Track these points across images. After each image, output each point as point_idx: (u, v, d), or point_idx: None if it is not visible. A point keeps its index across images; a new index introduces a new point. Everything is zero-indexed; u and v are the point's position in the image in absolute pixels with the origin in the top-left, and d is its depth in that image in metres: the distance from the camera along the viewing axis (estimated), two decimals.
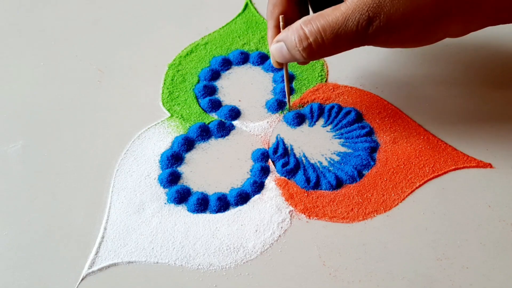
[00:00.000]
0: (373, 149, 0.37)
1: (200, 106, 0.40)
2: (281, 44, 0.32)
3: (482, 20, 0.30)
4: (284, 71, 0.37)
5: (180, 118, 0.39)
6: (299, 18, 0.32)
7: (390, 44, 0.31)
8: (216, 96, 0.41)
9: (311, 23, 0.30)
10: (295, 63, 0.41)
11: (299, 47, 0.31)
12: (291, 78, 0.42)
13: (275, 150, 0.37)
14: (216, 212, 0.34)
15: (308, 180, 0.35)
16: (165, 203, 0.35)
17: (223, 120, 0.39)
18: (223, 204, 0.34)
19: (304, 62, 0.35)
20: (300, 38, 0.31)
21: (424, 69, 0.42)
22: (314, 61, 0.43)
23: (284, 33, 0.32)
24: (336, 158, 0.37)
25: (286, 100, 0.39)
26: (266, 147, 0.37)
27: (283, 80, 0.41)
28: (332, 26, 0.29)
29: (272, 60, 0.36)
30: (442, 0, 0.28)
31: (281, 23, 0.34)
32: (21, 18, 0.48)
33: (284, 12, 0.34)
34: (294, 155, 0.37)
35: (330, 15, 0.30)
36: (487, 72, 0.41)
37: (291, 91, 0.41)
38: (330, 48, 0.31)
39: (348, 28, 0.29)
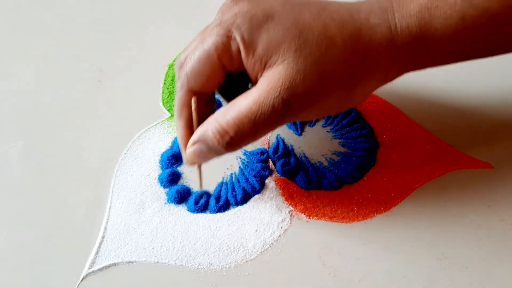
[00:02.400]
0: (373, 149, 0.37)
1: None
2: (199, 146, 0.30)
3: (398, 69, 0.30)
4: (198, 168, 0.33)
5: None
6: (211, 113, 0.30)
7: (313, 117, 0.30)
8: (216, 96, 0.41)
9: (226, 116, 0.28)
10: None
11: (222, 143, 0.28)
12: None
13: (275, 150, 0.37)
14: (216, 212, 0.34)
15: (308, 180, 0.35)
16: (165, 203, 0.35)
17: None
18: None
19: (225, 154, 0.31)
20: (221, 134, 0.28)
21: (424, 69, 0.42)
22: None
23: (199, 132, 0.29)
24: (336, 158, 0.37)
25: (199, 187, 0.34)
26: (266, 147, 0.37)
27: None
28: (248, 115, 0.27)
29: (185, 161, 0.31)
30: (352, 67, 0.28)
31: (194, 117, 0.31)
32: (21, 18, 0.48)
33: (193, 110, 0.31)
34: (295, 155, 0.37)
35: (242, 105, 0.28)
36: (487, 72, 0.41)
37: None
38: (252, 136, 0.29)
39: (264, 115, 0.27)
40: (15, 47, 0.46)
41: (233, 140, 0.28)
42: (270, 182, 0.35)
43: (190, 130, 0.31)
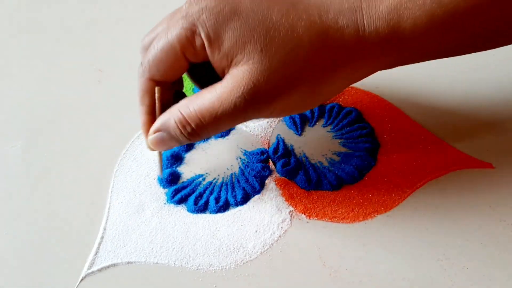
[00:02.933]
0: (374, 149, 0.37)
1: None
2: (161, 133, 0.30)
3: (367, 68, 0.30)
4: (158, 153, 0.35)
5: None
6: (174, 99, 0.31)
7: (278, 115, 0.30)
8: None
9: (189, 108, 0.29)
10: None
11: (184, 133, 0.29)
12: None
13: (275, 150, 0.37)
14: (216, 212, 0.34)
15: (308, 180, 0.35)
16: (165, 203, 0.35)
17: None
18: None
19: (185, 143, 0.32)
20: (183, 124, 0.29)
21: (424, 69, 0.42)
22: None
23: (161, 121, 0.30)
24: (337, 158, 0.37)
25: (159, 171, 0.36)
26: (266, 147, 0.37)
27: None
28: (209, 111, 0.28)
29: (148, 146, 0.32)
30: (317, 67, 0.28)
31: (157, 105, 0.31)
32: (21, 18, 0.48)
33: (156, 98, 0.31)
34: (295, 155, 0.37)
35: (206, 98, 0.28)
36: (487, 72, 0.41)
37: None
38: (213, 129, 0.29)
39: (225, 111, 0.28)
40: (15, 47, 0.46)
41: (194, 131, 0.29)
42: (270, 182, 0.35)
43: (151, 116, 0.31)
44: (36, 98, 0.41)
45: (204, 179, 0.36)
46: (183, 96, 0.31)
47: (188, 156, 0.37)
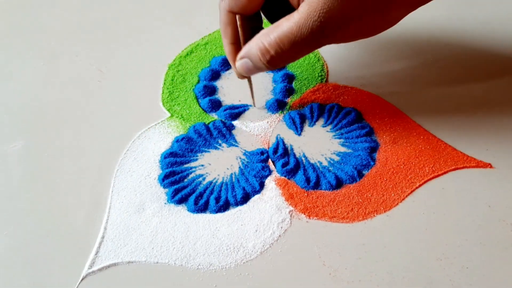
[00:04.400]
0: (373, 149, 0.37)
1: (200, 106, 0.40)
2: (246, 60, 0.34)
3: None
4: (248, 82, 0.38)
5: (180, 118, 0.39)
6: (257, 31, 0.33)
7: (349, 39, 0.33)
8: (216, 96, 0.41)
9: (269, 36, 0.32)
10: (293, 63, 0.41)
11: (263, 60, 0.32)
12: (291, 78, 0.42)
13: (275, 150, 0.37)
14: (216, 212, 0.34)
15: (308, 180, 0.35)
16: (165, 203, 0.35)
17: (223, 120, 0.39)
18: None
19: (267, 70, 0.36)
20: (262, 52, 0.32)
21: (424, 69, 0.42)
22: (314, 61, 0.43)
23: (245, 49, 0.33)
24: (336, 158, 0.37)
25: (252, 101, 0.40)
26: (266, 147, 0.37)
27: (283, 80, 0.41)
28: (289, 37, 0.31)
29: (236, 74, 0.37)
30: None
31: (240, 33, 0.34)
32: (21, 18, 0.48)
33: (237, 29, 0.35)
34: (294, 155, 0.37)
35: (285, 26, 0.31)
36: (487, 72, 0.41)
37: (291, 91, 0.41)
38: (291, 56, 0.32)
39: (303, 36, 0.31)
40: (15, 47, 0.46)
41: (273, 58, 0.32)
42: (270, 182, 0.35)
43: (235, 46, 0.35)
44: (36, 98, 0.41)
45: (204, 179, 0.36)
46: None
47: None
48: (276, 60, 0.32)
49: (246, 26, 0.34)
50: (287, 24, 0.31)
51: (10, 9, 0.49)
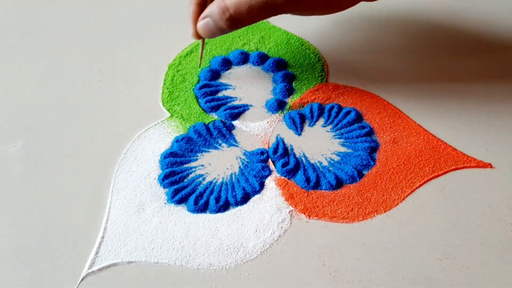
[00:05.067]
0: (373, 149, 0.37)
1: (200, 106, 0.40)
2: (207, 19, 0.35)
3: None
4: (201, 42, 0.40)
5: (180, 118, 0.39)
6: None
7: (304, 11, 0.34)
8: (216, 96, 0.41)
9: None
10: (298, 65, 0.41)
11: (223, 18, 0.34)
12: (291, 78, 0.42)
13: (275, 150, 0.37)
14: (216, 212, 0.34)
15: (308, 180, 0.35)
16: (165, 203, 0.35)
17: (223, 120, 0.39)
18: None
19: (227, 31, 0.36)
20: (222, 10, 0.34)
21: (424, 69, 0.42)
22: (314, 61, 0.43)
23: (208, 9, 0.35)
24: (336, 158, 0.37)
25: (199, 58, 0.42)
26: (266, 147, 0.37)
27: (283, 80, 0.41)
28: None
29: (193, 34, 0.38)
30: None
31: None
32: (22, 18, 0.48)
33: None
34: (294, 155, 0.37)
35: None
36: (487, 72, 0.41)
37: (291, 91, 0.41)
38: (249, 17, 0.34)
39: None
40: (15, 47, 0.46)
41: (232, 17, 0.34)
42: (270, 182, 0.35)
43: (200, 8, 0.36)
44: (36, 98, 0.41)
45: (204, 179, 0.36)
46: None
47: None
48: (234, 20, 0.34)
49: None
50: None
51: (10, 9, 0.49)
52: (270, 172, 0.36)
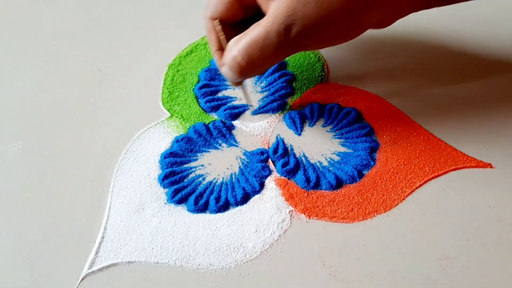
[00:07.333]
0: (373, 149, 0.37)
1: (200, 106, 0.40)
2: (224, 68, 0.34)
3: (408, 4, 0.32)
4: (241, 88, 0.38)
5: (180, 118, 0.39)
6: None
7: (317, 46, 0.33)
8: (216, 96, 0.41)
9: (238, 42, 0.32)
10: (298, 64, 0.41)
11: (236, 66, 0.33)
12: (291, 78, 0.42)
13: (275, 150, 0.37)
14: (216, 212, 0.34)
15: (308, 180, 0.35)
16: (165, 203, 0.35)
17: (223, 120, 0.39)
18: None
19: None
20: (233, 58, 0.32)
21: (424, 69, 0.42)
22: (314, 61, 0.43)
23: (224, 56, 0.34)
24: (336, 158, 0.37)
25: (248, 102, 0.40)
26: (266, 147, 0.37)
27: (283, 80, 0.41)
28: (257, 41, 0.31)
29: (228, 82, 0.38)
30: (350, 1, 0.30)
31: (221, 38, 0.35)
32: (21, 18, 0.48)
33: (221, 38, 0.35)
34: (294, 155, 0.37)
35: (253, 31, 0.31)
36: (488, 72, 0.41)
37: (291, 91, 0.41)
38: (261, 61, 0.32)
39: (271, 39, 0.31)
40: (15, 47, 0.46)
41: (242, 66, 0.32)
42: (270, 182, 0.35)
43: (221, 53, 0.35)
44: (36, 98, 0.41)
45: (204, 179, 0.36)
46: None
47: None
48: (248, 65, 0.32)
49: (230, 33, 0.34)
50: (256, 29, 0.31)
51: (10, 9, 0.49)
52: (270, 172, 0.36)
